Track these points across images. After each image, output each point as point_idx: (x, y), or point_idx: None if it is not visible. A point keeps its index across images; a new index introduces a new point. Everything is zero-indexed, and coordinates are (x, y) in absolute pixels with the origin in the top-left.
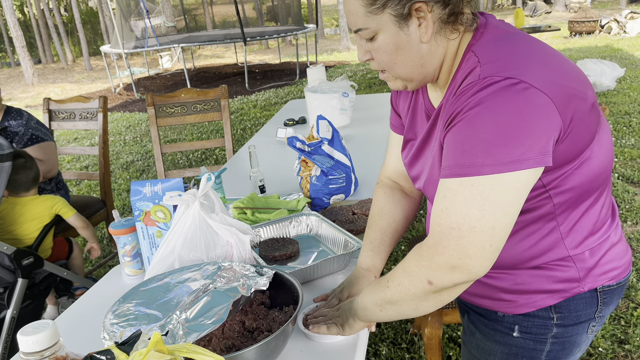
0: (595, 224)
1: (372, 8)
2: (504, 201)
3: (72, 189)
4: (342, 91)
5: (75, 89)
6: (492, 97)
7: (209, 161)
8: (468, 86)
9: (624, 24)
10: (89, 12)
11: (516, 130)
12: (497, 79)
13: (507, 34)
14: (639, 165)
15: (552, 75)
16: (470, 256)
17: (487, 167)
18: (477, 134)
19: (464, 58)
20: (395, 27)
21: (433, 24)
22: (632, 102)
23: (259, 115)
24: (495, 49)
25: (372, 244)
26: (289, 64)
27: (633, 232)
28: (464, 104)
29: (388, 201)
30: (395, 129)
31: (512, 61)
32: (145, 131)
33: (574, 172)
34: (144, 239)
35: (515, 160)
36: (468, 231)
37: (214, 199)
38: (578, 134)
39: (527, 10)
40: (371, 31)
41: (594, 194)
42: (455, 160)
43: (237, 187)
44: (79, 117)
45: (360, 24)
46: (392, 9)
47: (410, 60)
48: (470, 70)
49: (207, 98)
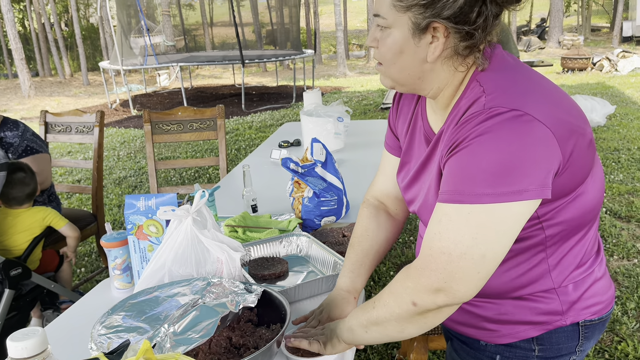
0: (582, 258)
1: (398, 4)
2: (499, 231)
3: (64, 202)
4: (337, 116)
5: (72, 103)
6: (497, 127)
7: (202, 179)
8: (473, 115)
9: (616, 62)
10: (90, 27)
11: (518, 161)
12: (502, 110)
13: (512, 65)
14: (626, 201)
15: (554, 109)
16: (456, 280)
17: (486, 196)
18: (479, 163)
19: (468, 87)
20: (409, 32)
21: (444, 49)
22: (622, 138)
23: (254, 136)
24: (501, 80)
25: (353, 265)
26: (286, 87)
27: (619, 266)
28: (468, 133)
29: (373, 222)
30: (390, 149)
31: (517, 93)
32: (140, 147)
33: (568, 205)
34: (135, 253)
35: (515, 192)
36: (458, 257)
37: (206, 215)
38: (576, 169)
39: (522, 45)
40: (387, 22)
41: (584, 228)
42: (455, 186)
43: (230, 206)
44: (75, 131)
45: (382, 11)
46: (413, 15)
47: (408, 69)
48: (474, 100)
49: (203, 117)
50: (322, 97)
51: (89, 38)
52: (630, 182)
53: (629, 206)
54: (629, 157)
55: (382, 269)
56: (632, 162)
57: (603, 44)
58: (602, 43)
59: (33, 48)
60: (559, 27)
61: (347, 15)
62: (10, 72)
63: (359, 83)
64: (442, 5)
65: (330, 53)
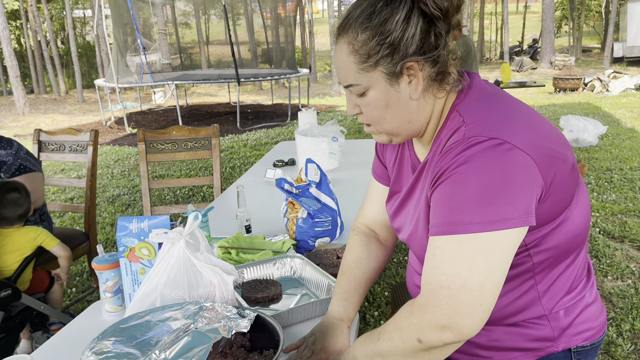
0: (572, 283)
1: (365, 65)
2: (492, 260)
3: (56, 221)
4: (331, 135)
5: (66, 120)
6: (477, 156)
7: (196, 198)
8: (453, 145)
9: (607, 83)
10: (86, 45)
11: (501, 189)
12: (481, 139)
13: (491, 94)
14: (619, 221)
15: (534, 137)
16: (460, 316)
17: (474, 225)
18: (463, 192)
19: (448, 117)
20: (386, 84)
21: (423, 81)
22: (614, 158)
23: (249, 155)
24: (480, 109)
25: (346, 293)
26: (281, 105)
27: (614, 287)
28: (450, 163)
29: (364, 250)
30: (378, 178)
31: (496, 122)
32: (134, 165)
33: (553, 231)
34: (126, 276)
35: (501, 219)
36: (458, 290)
37: (199, 237)
38: (559, 195)
39: (514, 65)
40: (362, 87)
41: (572, 254)
42: (442, 218)
43: (223, 226)
44: (69, 150)
45: (351, 80)
46: (384, 67)
47: (398, 116)
48: (455, 129)
49: (198, 136)
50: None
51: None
52: (623, 202)
53: (622, 226)
54: (621, 177)
55: (377, 289)
56: (624, 182)
57: (594, 64)
58: (593, 64)
59: (29, 65)
60: (551, 47)
61: None
62: (5, 89)
63: None
64: (405, 45)
65: (325, 72)
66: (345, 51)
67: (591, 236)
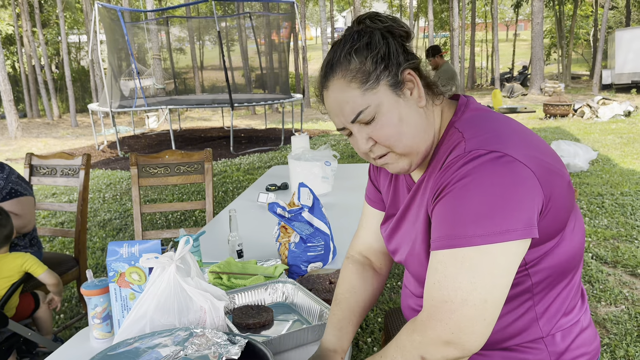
0: (568, 305)
1: (368, 84)
2: (495, 274)
3: (46, 245)
4: (324, 160)
5: (59, 144)
6: (479, 169)
7: (188, 222)
8: (454, 159)
9: (596, 109)
10: (80, 70)
11: (503, 201)
12: (482, 152)
13: (487, 111)
14: (612, 246)
15: (532, 151)
16: (463, 331)
17: (477, 237)
18: (465, 205)
19: (446, 133)
20: (394, 95)
21: (422, 88)
22: (605, 183)
23: (242, 179)
24: (478, 125)
25: (340, 322)
26: (274, 130)
27: (607, 312)
28: (452, 177)
29: (359, 279)
30: (371, 203)
31: (495, 136)
32: (126, 189)
33: (553, 250)
34: (116, 301)
35: (504, 231)
36: (460, 304)
37: (190, 262)
38: (558, 210)
39: (505, 91)
40: (372, 108)
41: (570, 274)
42: (445, 231)
43: (215, 251)
44: (60, 174)
45: (359, 106)
46: (386, 79)
47: (413, 128)
48: (454, 145)
49: (191, 160)
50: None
51: (79, 80)
52: (615, 227)
53: (615, 251)
54: (612, 202)
55: (370, 315)
56: (615, 207)
57: (583, 91)
58: (583, 90)
59: (22, 89)
60: (541, 74)
61: None
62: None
63: None
64: (395, 56)
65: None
66: (342, 85)
67: (584, 261)
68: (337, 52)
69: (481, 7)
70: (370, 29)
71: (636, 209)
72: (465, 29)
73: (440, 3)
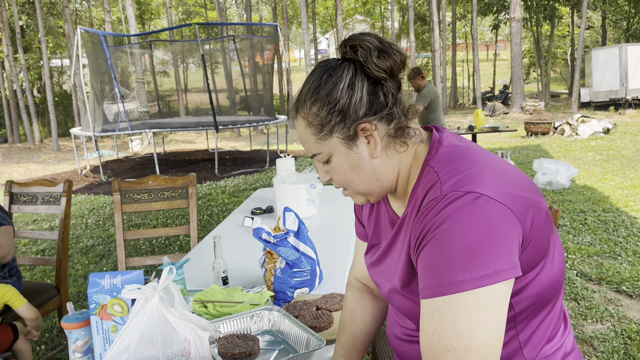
0: (551, 331)
1: (321, 135)
2: (490, 316)
3: (26, 274)
4: (309, 182)
5: (40, 170)
6: (457, 213)
7: (173, 247)
8: (431, 203)
9: (576, 127)
10: (63, 94)
11: (485, 243)
12: (459, 194)
13: (462, 148)
14: (596, 263)
15: (508, 187)
16: None
17: (467, 282)
18: (449, 251)
19: (422, 172)
20: (345, 148)
21: (381, 140)
22: (587, 200)
23: (227, 201)
24: (452, 164)
25: (344, 349)
26: (260, 151)
27: (594, 330)
28: (431, 222)
29: (358, 305)
30: (360, 237)
31: (470, 175)
32: (109, 215)
33: (534, 279)
34: (97, 334)
35: (492, 273)
36: (464, 352)
37: (174, 292)
38: (537, 242)
39: (487, 110)
40: (325, 155)
41: (552, 301)
42: (434, 280)
43: (200, 278)
44: (42, 201)
45: (314, 150)
46: (339, 133)
47: (364, 176)
48: (430, 186)
49: (174, 185)
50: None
51: (61, 104)
52: (598, 243)
53: (599, 268)
54: (594, 218)
55: None
56: (598, 224)
57: (563, 109)
58: (562, 108)
59: (3, 114)
60: (521, 93)
61: None
62: None
63: None
64: (354, 108)
65: None
66: (302, 125)
67: (569, 279)
68: (304, 90)
69: (461, 28)
70: (344, 66)
71: (618, 225)
72: (446, 50)
73: (421, 25)
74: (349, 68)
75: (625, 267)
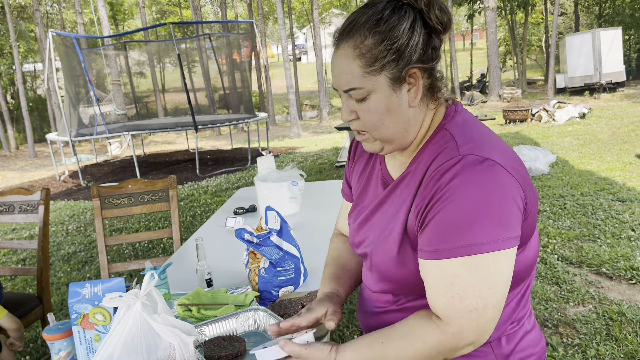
0: (517, 312)
1: (371, 69)
2: (505, 277)
3: (7, 285)
4: (291, 180)
5: (17, 177)
6: (477, 177)
7: (157, 250)
8: (447, 164)
9: (553, 113)
10: (37, 99)
11: (503, 209)
12: (478, 159)
13: (475, 120)
14: (576, 246)
15: (514, 162)
16: (487, 332)
17: (486, 244)
18: (469, 213)
19: (436, 133)
20: (389, 89)
21: (421, 90)
22: (565, 185)
23: (210, 202)
24: (467, 132)
25: (334, 274)
26: (241, 150)
27: (576, 313)
28: (449, 184)
29: (345, 247)
30: (346, 197)
31: (485, 144)
32: (90, 220)
33: (517, 258)
34: (80, 344)
35: (509, 238)
36: (484, 310)
37: (156, 298)
38: (530, 219)
39: (465, 99)
40: (364, 91)
41: (522, 282)
42: (451, 241)
43: (183, 281)
44: (19, 210)
45: (355, 84)
46: (388, 72)
47: (396, 122)
48: (444, 147)
49: (155, 188)
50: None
51: (36, 109)
52: (577, 227)
53: (579, 252)
54: (573, 202)
55: (346, 333)
56: (577, 208)
57: (539, 95)
58: (539, 95)
59: None
60: (498, 81)
61: (297, 78)
62: None
63: (313, 143)
64: (410, 52)
65: (284, 114)
66: (351, 55)
67: (550, 263)
68: (360, 19)
69: None
70: (405, 9)
71: (596, 209)
72: None
73: None
74: (410, 12)
75: (604, 249)
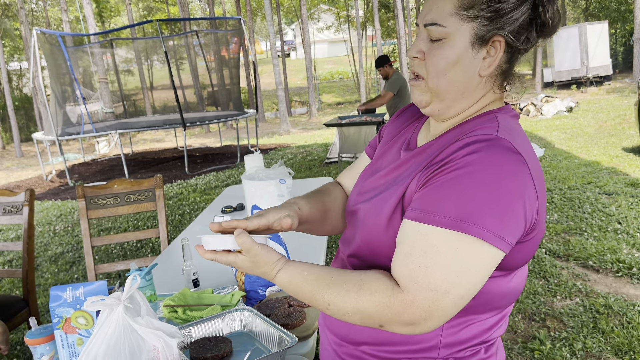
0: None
1: (462, 12)
2: (479, 274)
3: None
4: (279, 178)
5: (4, 177)
6: (506, 161)
7: (145, 250)
8: (478, 137)
9: (541, 107)
10: (23, 98)
11: (513, 207)
12: (513, 148)
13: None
14: (563, 240)
15: (541, 183)
16: (432, 318)
17: (477, 229)
18: (482, 190)
19: (484, 115)
20: (469, 43)
21: (495, 65)
22: (553, 179)
23: (199, 200)
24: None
25: (302, 196)
26: (230, 147)
27: (563, 306)
28: (469, 156)
29: (334, 189)
30: (368, 151)
31: (527, 149)
32: (78, 220)
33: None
34: (62, 348)
35: (500, 237)
36: (442, 295)
37: (140, 301)
38: (533, 244)
39: None
40: (444, 32)
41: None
42: (455, 211)
43: (170, 282)
44: (3, 212)
45: (439, 20)
46: (477, 26)
47: (458, 80)
48: (483, 125)
49: (141, 188)
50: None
51: (22, 108)
52: (565, 221)
53: (566, 245)
54: (561, 196)
55: None
56: (564, 202)
57: (527, 89)
58: (527, 89)
59: None
60: None
61: (287, 74)
62: None
63: (303, 139)
64: (506, 20)
65: (274, 111)
66: None
67: (538, 257)
68: None
69: None
70: None
71: (583, 202)
72: (411, 36)
73: (386, 12)
74: None
75: (591, 242)
